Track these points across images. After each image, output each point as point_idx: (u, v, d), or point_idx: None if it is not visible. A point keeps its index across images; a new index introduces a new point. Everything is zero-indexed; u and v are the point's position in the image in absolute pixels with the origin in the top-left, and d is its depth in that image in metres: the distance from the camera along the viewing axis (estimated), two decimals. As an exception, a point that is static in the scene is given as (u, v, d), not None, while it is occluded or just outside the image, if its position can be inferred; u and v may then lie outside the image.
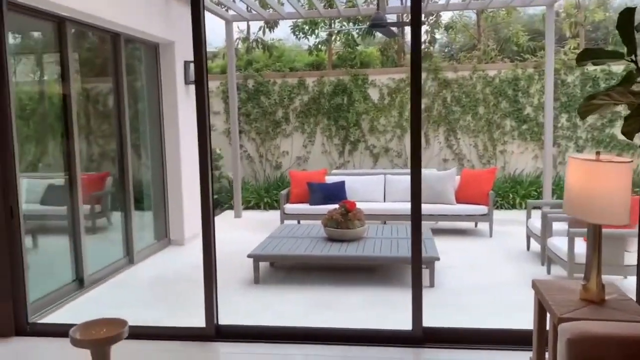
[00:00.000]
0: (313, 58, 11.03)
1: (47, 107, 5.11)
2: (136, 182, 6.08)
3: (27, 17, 4.26)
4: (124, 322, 1.52)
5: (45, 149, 5.27)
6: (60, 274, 4.73)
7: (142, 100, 6.26)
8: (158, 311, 4.26)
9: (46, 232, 5.32)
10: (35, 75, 5.57)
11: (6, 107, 3.62)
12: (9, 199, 3.67)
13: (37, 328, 3.75)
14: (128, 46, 5.81)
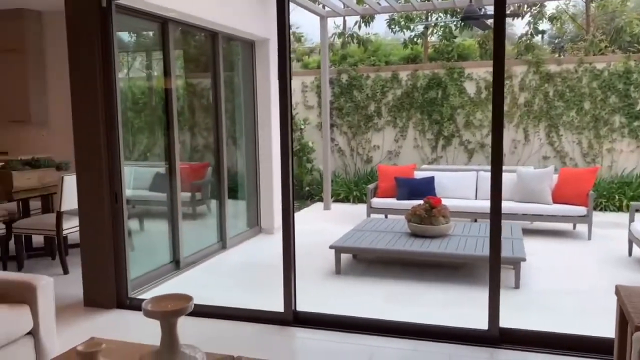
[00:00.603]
0: (408, 51, 10.91)
1: (155, 101, 5.56)
2: (231, 173, 6.43)
3: (134, 18, 4.67)
4: (189, 297, 1.67)
5: (154, 139, 5.74)
6: (160, 256, 5.14)
7: (238, 95, 6.59)
8: (243, 294, 4.50)
9: (151, 216, 5.81)
10: (143, 71, 6.07)
11: (113, 102, 4.00)
12: (114, 186, 4.07)
13: (135, 303, 4.13)
14: (226, 44, 6.14)
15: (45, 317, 2.91)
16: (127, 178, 4.46)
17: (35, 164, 5.46)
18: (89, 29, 3.90)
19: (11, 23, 7.30)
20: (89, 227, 4.10)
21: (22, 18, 7.24)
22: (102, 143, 3.98)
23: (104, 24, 3.92)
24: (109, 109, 3.99)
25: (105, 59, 3.95)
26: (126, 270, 4.16)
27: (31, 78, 7.36)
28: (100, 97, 3.95)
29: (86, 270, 4.14)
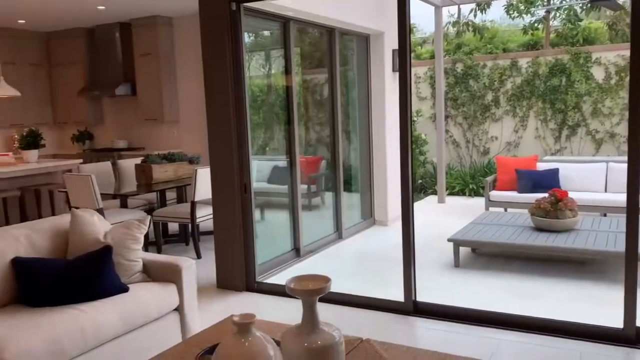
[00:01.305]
0: (528, 38, 10.38)
1: (273, 97, 5.85)
2: (346, 165, 6.57)
3: (259, 19, 4.94)
4: (327, 278, 1.79)
5: (272, 134, 6.04)
6: (281, 244, 5.41)
7: (352, 89, 6.71)
8: (361, 283, 4.61)
9: (271, 207, 6.13)
10: (264, 69, 6.40)
11: (242, 98, 4.28)
12: (243, 177, 4.36)
13: (261, 286, 4.40)
14: (342, 39, 6.28)
15: (189, 296, 3.21)
16: (253, 170, 4.75)
17: (171, 158, 5.98)
18: (220, 31, 4.20)
19: (146, 29, 8.02)
20: (222, 215, 4.44)
21: (155, 24, 7.92)
22: (233, 138, 4.28)
23: (234, 26, 4.19)
24: (239, 106, 4.28)
25: (236, 59, 4.23)
26: (254, 256, 4.44)
27: (164, 80, 8.03)
28: (231, 95, 4.24)
29: (219, 255, 4.48)
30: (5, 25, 8.15)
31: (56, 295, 2.76)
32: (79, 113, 8.87)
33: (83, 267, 2.88)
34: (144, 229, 3.17)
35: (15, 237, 2.94)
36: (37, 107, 8.86)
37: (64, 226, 3.17)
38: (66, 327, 2.57)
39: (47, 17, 7.73)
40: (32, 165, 6.61)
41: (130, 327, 2.86)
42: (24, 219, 6.57)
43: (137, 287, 3.01)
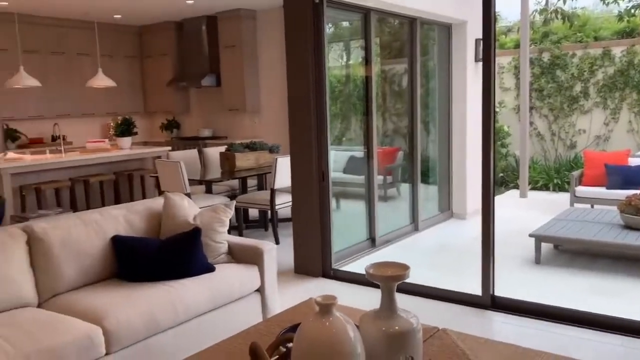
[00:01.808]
0: (623, 25, 9.74)
1: (352, 88, 5.90)
2: (423, 157, 6.52)
3: (340, 10, 5.00)
4: (407, 266, 1.83)
5: (349, 125, 6.10)
6: (357, 233, 5.48)
7: (432, 79, 6.63)
8: (436, 274, 4.60)
9: (347, 196, 6.21)
10: (344, 59, 6.46)
11: (323, 89, 4.37)
12: (322, 165, 4.46)
13: (337, 274, 4.50)
14: (423, 29, 6.21)
15: (269, 278, 3.36)
16: (331, 159, 4.84)
17: (252, 146, 6.20)
18: (303, 24, 4.31)
19: (231, 22, 8.31)
20: (300, 202, 4.57)
21: (239, 17, 8.18)
22: (313, 126, 4.39)
23: (317, 18, 4.28)
24: (319, 96, 4.37)
25: (317, 50, 4.32)
26: (330, 244, 4.54)
27: (246, 71, 8.30)
28: (312, 86, 4.34)
29: (297, 241, 4.63)
30: (103, 20, 8.73)
31: (150, 272, 2.99)
32: (167, 103, 9.36)
33: (175, 246, 3.09)
34: (230, 213, 3.35)
35: (115, 217, 3.20)
36: (130, 97, 9.45)
37: (157, 208, 3.41)
38: (159, 302, 2.78)
39: (141, 11, 8.20)
40: (125, 152, 7.08)
41: (216, 305, 3.04)
42: (117, 201, 7.06)
43: (222, 268, 3.19)
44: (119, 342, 2.57)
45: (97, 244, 3.03)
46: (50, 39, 8.29)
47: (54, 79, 8.33)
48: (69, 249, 2.90)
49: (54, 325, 2.45)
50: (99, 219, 3.13)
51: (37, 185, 6.14)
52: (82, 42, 8.63)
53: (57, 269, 2.84)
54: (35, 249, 2.82)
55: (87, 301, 2.72)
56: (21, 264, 2.74)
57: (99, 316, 2.58)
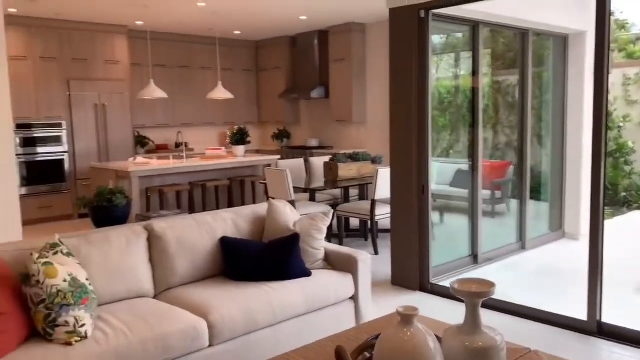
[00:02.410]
0: None
1: (459, 99, 5.83)
2: (534, 172, 6.25)
3: (447, 23, 4.99)
4: (492, 283, 1.83)
5: (457, 137, 6.02)
6: (458, 248, 5.39)
7: (546, 92, 6.35)
8: (539, 295, 4.40)
9: (451, 210, 6.12)
10: (451, 71, 6.40)
11: (425, 102, 4.39)
12: (422, 179, 4.47)
13: (435, 288, 4.47)
14: (536, 40, 5.98)
15: (364, 287, 3.44)
16: (431, 172, 4.83)
17: (355, 157, 6.34)
18: (408, 37, 4.37)
19: (341, 36, 8.55)
20: (399, 214, 4.61)
21: (350, 31, 8.40)
22: (414, 139, 4.42)
23: (421, 32, 4.32)
24: (421, 109, 4.40)
25: (421, 63, 4.36)
26: (429, 258, 4.53)
27: (354, 83, 8.49)
28: (414, 98, 4.38)
29: (395, 253, 4.67)
30: (224, 36, 9.39)
31: (252, 273, 3.21)
32: (279, 113, 9.82)
33: (275, 250, 3.28)
34: (327, 222, 3.48)
35: (224, 219, 3.46)
36: (245, 108, 10.05)
37: (262, 213, 3.64)
38: (259, 301, 2.97)
39: (259, 27, 8.71)
40: (239, 159, 7.55)
41: (311, 309, 3.19)
42: (230, 204, 7.54)
43: (318, 273, 3.34)
44: (221, 336, 2.79)
45: (208, 244, 3.30)
46: (177, 54, 9.07)
47: (179, 90, 9.11)
48: (183, 247, 3.20)
49: (166, 315, 2.72)
50: (210, 220, 3.41)
51: (161, 188, 6.75)
52: (204, 57, 9.35)
53: (171, 265, 3.15)
54: (154, 246, 3.15)
55: (195, 296, 2.98)
56: (142, 259, 3.07)
57: (205, 310, 2.82)
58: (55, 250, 2.56)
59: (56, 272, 2.37)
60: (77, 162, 7.89)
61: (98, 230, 3.08)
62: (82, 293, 2.44)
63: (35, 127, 7.49)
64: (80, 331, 2.39)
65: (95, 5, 6.80)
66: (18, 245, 2.71)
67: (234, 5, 7.01)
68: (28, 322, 2.36)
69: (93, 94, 7.96)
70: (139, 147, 8.79)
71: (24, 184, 7.43)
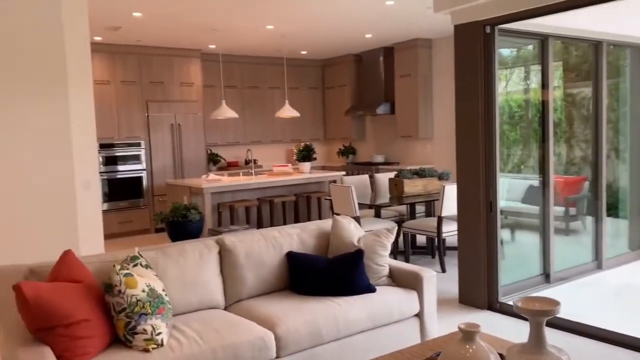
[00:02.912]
0: None
1: (531, 113, 5.69)
2: (612, 188, 5.97)
3: (517, 38, 4.92)
4: (557, 302, 1.81)
5: (528, 152, 5.87)
6: (529, 267, 5.23)
7: (623, 103, 6.08)
8: (617, 317, 4.19)
9: (525, 227, 5.95)
10: (520, 85, 6.26)
11: (492, 116, 4.34)
12: (489, 195, 4.40)
13: (504, 307, 4.36)
14: (611, 51, 5.76)
15: (429, 304, 3.43)
16: (500, 189, 4.74)
17: (421, 173, 6.31)
18: (473, 53, 4.35)
19: (407, 52, 8.57)
20: (466, 231, 4.55)
21: (416, 47, 8.41)
22: (481, 155, 4.37)
23: (487, 47, 4.29)
24: (488, 123, 4.35)
25: (487, 78, 4.32)
26: (497, 276, 4.43)
27: (421, 99, 8.47)
28: (480, 112, 4.34)
29: (462, 271, 4.60)
30: (291, 56, 9.66)
31: (317, 287, 3.28)
32: (344, 130, 9.94)
33: (340, 265, 3.35)
34: (392, 238, 3.51)
35: (290, 235, 3.57)
36: (311, 125, 10.24)
37: (326, 229, 3.72)
38: (323, 315, 3.04)
39: (325, 47, 8.90)
40: (305, 175, 7.71)
41: (375, 325, 3.21)
42: (297, 220, 7.69)
43: (383, 290, 3.36)
44: (287, 348, 2.88)
45: (274, 258, 3.41)
46: (246, 75, 9.42)
47: (248, 109, 9.44)
48: (251, 260, 3.33)
49: (235, 326, 2.84)
50: (277, 235, 3.52)
51: (231, 204, 7.00)
52: (273, 77, 9.65)
53: (241, 278, 3.28)
54: (225, 259, 3.30)
55: (263, 308, 3.09)
56: (214, 271, 3.22)
57: (272, 322, 2.92)
58: (135, 263, 2.75)
59: (136, 282, 2.55)
60: (154, 179, 8.33)
61: (174, 244, 3.27)
62: (158, 303, 2.61)
63: (116, 147, 8.00)
64: (157, 339, 2.55)
65: (172, 31, 7.22)
66: (102, 257, 2.93)
67: (301, 27, 7.22)
68: (110, 329, 2.55)
69: (169, 115, 8.40)
70: (211, 164, 9.16)
71: (105, 200, 7.93)
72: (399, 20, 7.04)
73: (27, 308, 2.30)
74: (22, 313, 2.34)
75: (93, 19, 6.32)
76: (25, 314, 2.33)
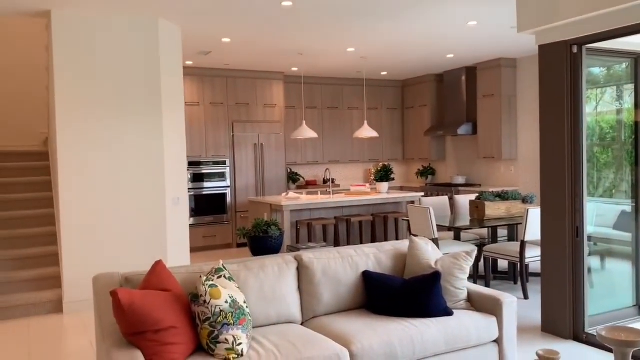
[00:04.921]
0: None
1: (624, 134, 5.39)
2: None
3: (607, 57, 4.72)
4: (644, 333, 1.72)
5: (621, 175, 5.56)
6: (620, 297, 4.92)
7: None
8: None
9: (613, 255, 5.61)
10: (614, 104, 5.95)
11: (580, 138, 4.17)
12: (576, 220, 4.22)
13: (591, 339, 4.13)
14: None
15: (509, 331, 3.33)
16: (589, 214, 4.52)
17: (504, 196, 6.14)
18: (559, 73, 4.22)
19: (490, 72, 8.42)
20: (550, 257, 4.37)
21: (499, 66, 8.24)
22: (567, 178, 4.21)
23: (574, 67, 4.16)
24: (576, 145, 4.19)
25: (574, 98, 4.17)
26: (584, 305, 4.21)
27: (504, 119, 8.26)
28: (567, 134, 4.19)
29: (545, 298, 4.41)
30: (371, 77, 9.77)
31: (393, 308, 3.29)
32: (424, 150, 9.86)
33: (416, 287, 3.33)
34: (470, 261, 3.45)
35: (367, 254, 3.61)
36: (390, 145, 10.25)
37: (403, 249, 3.72)
38: (399, 336, 3.04)
39: (405, 68, 8.93)
40: (383, 196, 7.71)
41: (452, 349, 3.16)
42: (373, 239, 7.70)
43: (460, 313, 3.31)
44: (361, 366, 2.90)
45: (351, 277, 3.46)
46: (327, 96, 9.63)
47: (328, 130, 9.62)
48: (328, 278, 3.39)
49: (312, 341, 2.91)
50: (353, 254, 3.57)
51: (309, 221, 7.14)
52: (352, 98, 9.79)
53: (318, 294, 3.35)
54: (302, 275, 3.39)
55: (339, 325, 3.14)
56: (292, 287, 3.32)
57: (347, 340, 2.96)
58: (220, 275, 2.91)
59: (220, 293, 2.69)
60: (237, 196, 8.67)
61: (255, 258, 3.41)
62: (240, 314, 2.73)
63: (203, 165, 8.42)
64: (238, 349, 2.66)
65: (258, 56, 7.55)
66: (189, 268, 3.11)
67: (381, 48, 7.31)
68: (195, 337, 2.70)
69: (253, 135, 8.74)
70: (290, 182, 9.39)
71: (192, 215, 8.35)
72: (481, 40, 6.95)
73: (122, 313, 2.49)
74: (117, 317, 2.54)
75: (186, 44, 6.76)
76: (120, 319, 2.52)
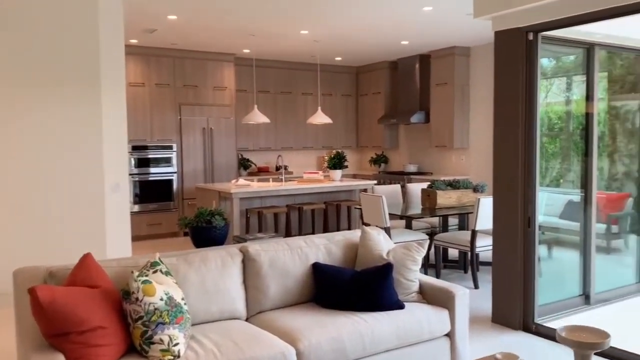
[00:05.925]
0: None
1: (571, 126, 5.43)
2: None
3: (560, 46, 4.69)
4: (607, 334, 1.62)
5: (568, 165, 5.61)
6: (568, 286, 4.96)
7: (674, 118, 5.75)
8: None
9: (562, 245, 5.67)
10: (562, 95, 6.00)
11: (533, 127, 4.13)
12: (528, 210, 4.18)
13: (540, 329, 4.12)
14: (661, 61, 5.46)
15: (461, 324, 3.24)
16: (539, 203, 4.51)
17: (455, 185, 6.10)
18: (514, 61, 4.15)
19: (444, 60, 8.38)
20: (501, 247, 4.34)
21: (453, 55, 8.21)
22: (520, 167, 4.16)
23: (529, 55, 4.09)
24: (529, 134, 4.14)
25: (529, 86, 4.12)
26: (534, 295, 4.20)
27: (457, 108, 8.25)
28: (521, 123, 4.14)
29: (496, 288, 4.38)
30: (325, 62, 9.57)
31: (343, 301, 3.14)
32: (377, 138, 9.78)
33: (367, 279, 3.19)
34: (423, 252, 3.34)
35: (317, 245, 3.44)
36: (344, 132, 10.11)
37: (354, 240, 3.57)
38: (348, 331, 2.89)
39: (360, 53, 8.77)
40: (336, 183, 7.57)
41: (403, 343, 3.05)
42: (325, 228, 7.56)
43: (412, 306, 3.19)
44: (309, 364, 2.74)
45: (300, 269, 3.29)
46: (280, 80, 9.38)
47: (281, 115, 9.38)
48: (276, 270, 3.20)
49: (256, 339, 2.72)
50: (303, 245, 3.40)
51: (260, 210, 6.92)
52: (306, 83, 9.57)
53: (264, 288, 3.16)
54: (248, 268, 3.18)
55: (285, 321, 2.97)
56: (236, 281, 3.11)
57: (294, 337, 2.79)
58: (155, 269, 2.67)
59: (154, 290, 2.46)
60: (185, 182, 8.34)
61: (196, 250, 3.18)
62: (177, 312, 2.51)
63: (149, 149, 8.03)
64: (174, 350, 2.45)
65: (207, 35, 7.21)
66: (122, 261, 2.85)
67: (336, 33, 7.12)
68: (127, 337, 2.46)
69: (202, 119, 8.41)
70: (241, 169, 9.12)
71: (136, 202, 7.96)
72: (436, 26, 6.87)
73: (41, 312, 2.23)
74: (36, 317, 2.27)
75: (129, 21, 6.36)
76: (40, 319, 2.26)
